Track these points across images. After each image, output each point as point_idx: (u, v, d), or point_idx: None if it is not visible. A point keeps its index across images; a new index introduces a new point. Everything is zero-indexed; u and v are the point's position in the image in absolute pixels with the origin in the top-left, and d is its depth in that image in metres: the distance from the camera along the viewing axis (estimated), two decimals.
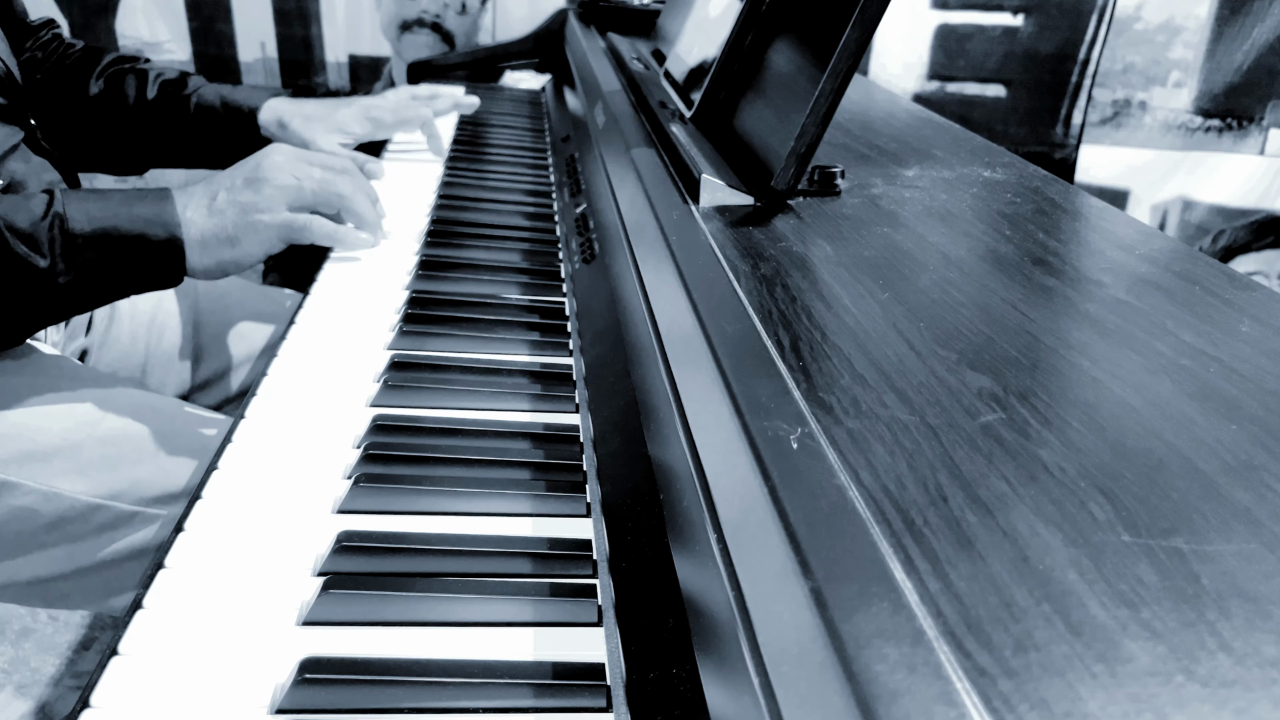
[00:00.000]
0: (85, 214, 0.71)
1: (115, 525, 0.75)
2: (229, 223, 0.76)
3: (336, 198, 0.84)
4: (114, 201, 0.73)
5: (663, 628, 0.44)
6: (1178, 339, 0.46)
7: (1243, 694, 0.25)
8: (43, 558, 0.75)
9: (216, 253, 0.76)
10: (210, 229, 0.76)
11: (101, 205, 0.72)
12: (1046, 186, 0.75)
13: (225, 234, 0.76)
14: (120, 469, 0.76)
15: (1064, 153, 1.96)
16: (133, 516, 0.75)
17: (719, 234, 0.60)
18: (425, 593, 0.48)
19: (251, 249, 0.77)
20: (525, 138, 1.38)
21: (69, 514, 0.74)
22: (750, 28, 0.77)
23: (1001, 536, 0.31)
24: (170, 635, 0.45)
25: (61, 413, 0.78)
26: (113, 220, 0.72)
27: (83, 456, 0.76)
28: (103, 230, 0.71)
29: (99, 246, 0.71)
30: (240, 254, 0.77)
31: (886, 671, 0.26)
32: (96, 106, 1.06)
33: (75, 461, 0.75)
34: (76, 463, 0.75)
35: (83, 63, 1.07)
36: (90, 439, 0.77)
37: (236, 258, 0.77)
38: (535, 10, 2.01)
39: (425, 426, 0.62)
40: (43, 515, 0.74)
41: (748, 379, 0.42)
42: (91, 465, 0.76)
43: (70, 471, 0.75)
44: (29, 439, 0.75)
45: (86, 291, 0.73)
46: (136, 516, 0.75)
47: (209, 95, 1.08)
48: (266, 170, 0.80)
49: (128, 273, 0.74)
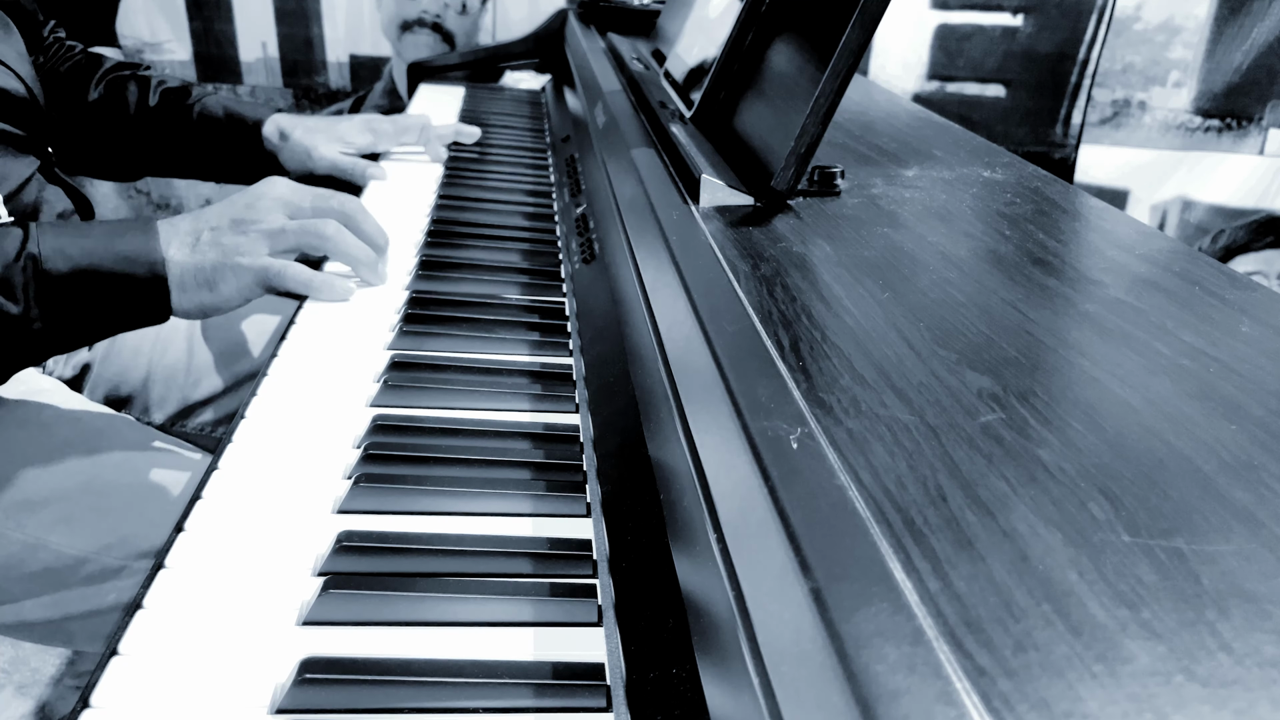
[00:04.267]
0: (61, 253, 0.66)
1: (103, 578, 0.74)
2: (209, 264, 0.71)
3: (319, 240, 0.76)
4: (93, 237, 0.68)
5: (663, 628, 0.44)
6: (1178, 339, 0.46)
7: (1243, 694, 0.25)
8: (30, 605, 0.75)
9: (195, 295, 0.71)
10: (190, 269, 0.70)
11: (80, 242, 0.67)
12: (1046, 186, 0.75)
13: (204, 276, 0.71)
14: (109, 521, 0.74)
15: (1063, 153, 1.96)
16: (119, 570, 0.74)
17: (719, 234, 0.60)
18: (425, 593, 0.48)
19: (229, 294, 0.72)
20: (525, 138, 1.38)
21: (55, 565, 0.73)
22: (750, 28, 0.77)
23: (1001, 536, 0.31)
24: (170, 635, 0.45)
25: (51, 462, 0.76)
26: (91, 258, 0.67)
27: (72, 507, 0.74)
28: (81, 269, 0.66)
29: (77, 287, 0.66)
30: (219, 298, 0.72)
31: (886, 671, 0.26)
32: (96, 112, 1.06)
33: (64, 512, 0.74)
34: (65, 513, 0.74)
35: (83, 68, 1.07)
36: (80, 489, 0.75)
37: (215, 301, 0.72)
38: (535, 10, 2.01)
39: (425, 426, 0.62)
40: (28, 565, 0.73)
41: (748, 379, 0.42)
42: (81, 516, 0.74)
43: (58, 522, 0.73)
44: (18, 487, 0.74)
45: (64, 335, 0.68)
46: (123, 570, 0.74)
47: (213, 106, 1.07)
48: (258, 210, 0.74)
49: (109, 313, 0.69)
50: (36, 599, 0.74)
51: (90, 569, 0.74)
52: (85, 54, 1.09)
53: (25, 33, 0.96)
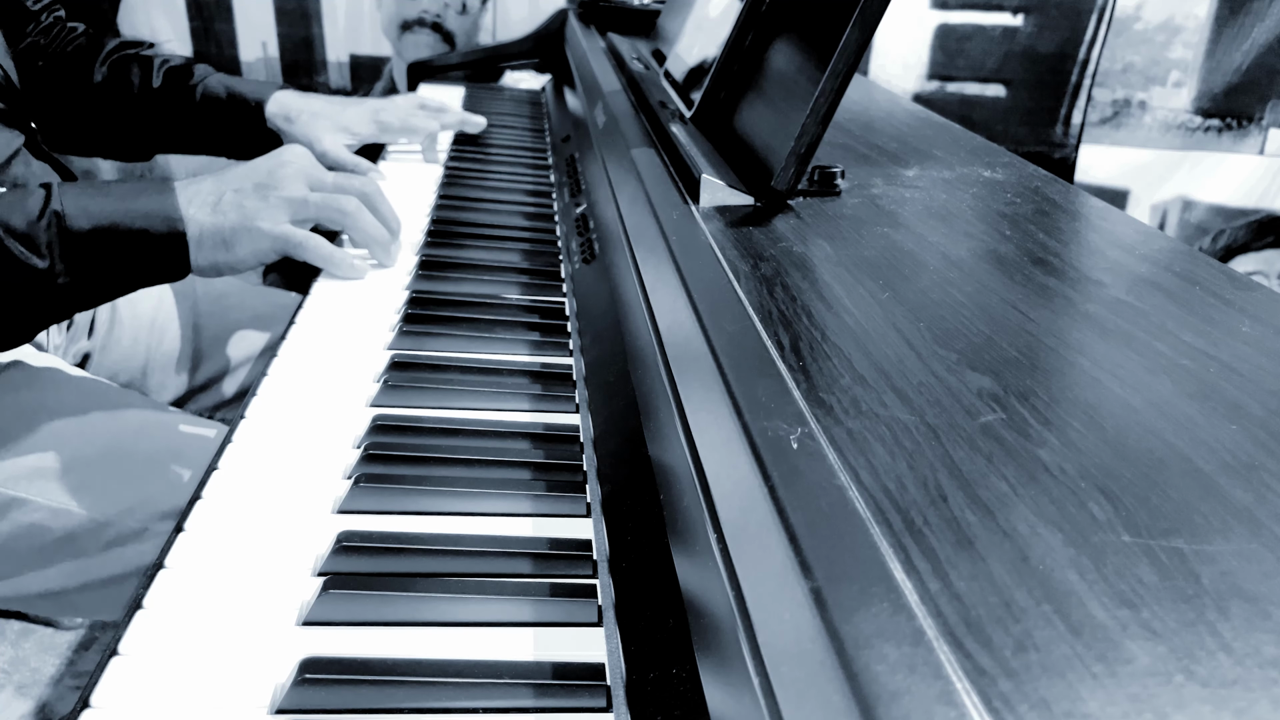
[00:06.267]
0: (84, 211, 0.69)
1: (124, 542, 0.75)
2: (228, 224, 0.74)
3: (340, 214, 0.80)
4: (114, 196, 0.70)
5: (663, 628, 0.44)
6: (1178, 339, 0.46)
7: (1243, 694, 0.25)
8: (52, 572, 0.75)
9: (211, 253, 0.74)
10: (209, 227, 0.73)
11: (101, 201, 0.70)
12: (1046, 186, 0.75)
13: (222, 236, 0.74)
14: (129, 485, 0.76)
15: (1064, 152, 1.96)
16: (141, 533, 0.75)
17: (719, 234, 0.60)
18: (425, 593, 0.48)
19: (245, 255, 0.75)
20: (525, 138, 1.38)
21: (78, 530, 0.74)
22: (750, 28, 0.77)
23: (1001, 536, 0.31)
24: (170, 635, 0.45)
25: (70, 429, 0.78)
26: (112, 216, 0.69)
27: (91, 473, 0.76)
28: (102, 227, 0.69)
29: (99, 244, 0.69)
30: (234, 258, 0.75)
31: (886, 671, 0.26)
32: (100, 94, 1.05)
33: (84, 478, 0.75)
34: (85, 479, 0.75)
35: (86, 49, 1.06)
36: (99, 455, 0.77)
37: (230, 261, 0.75)
38: (535, 10, 2.01)
39: (425, 426, 0.62)
40: (52, 531, 0.74)
41: (747, 379, 0.42)
42: (100, 482, 0.75)
43: (79, 488, 0.75)
44: (39, 455, 0.75)
45: (88, 289, 0.71)
46: (145, 532, 0.75)
47: (215, 85, 1.06)
48: (280, 177, 0.77)
49: (129, 269, 0.72)
50: (58, 566, 0.75)
51: (111, 533, 0.74)
52: (87, 35, 1.08)
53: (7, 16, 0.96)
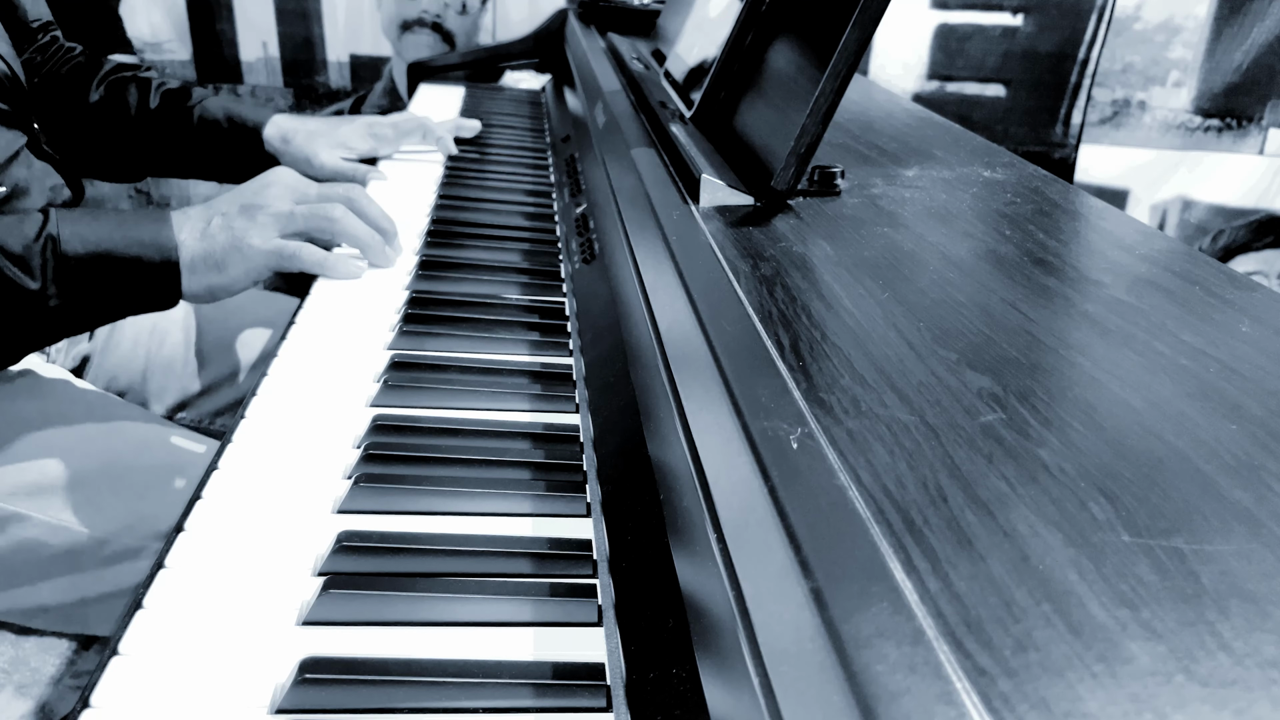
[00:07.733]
0: (79, 236, 0.69)
1: (120, 559, 0.75)
2: (218, 246, 0.74)
3: (328, 222, 0.80)
4: (109, 223, 0.71)
5: (663, 628, 0.44)
6: (1178, 339, 0.46)
7: (1243, 694, 0.25)
8: (48, 587, 0.75)
9: (204, 278, 0.74)
10: (199, 253, 0.74)
11: (96, 227, 0.70)
12: (1046, 186, 0.75)
13: (213, 259, 0.74)
14: (128, 502, 0.76)
15: (1063, 152, 1.96)
16: (138, 551, 0.75)
17: (719, 234, 0.60)
18: (425, 593, 0.48)
19: (238, 275, 0.75)
20: (525, 138, 1.38)
21: (75, 547, 0.74)
22: (750, 28, 0.77)
23: (1001, 536, 0.31)
24: (170, 635, 0.45)
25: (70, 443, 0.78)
26: (107, 243, 0.70)
27: (90, 489, 0.76)
28: (97, 253, 0.70)
29: (92, 269, 0.70)
30: (227, 279, 0.75)
31: (886, 671, 0.26)
32: (96, 114, 1.06)
33: (83, 494, 0.75)
34: (84, 495, 0.75)
35: (83, 69, 1.07)
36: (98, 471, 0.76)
37: (224, 283, 0.75)
38: (535, 10, 2.01)
39: (425, 426, 0.62)
40: (50, 547, 0.74)
41: (747, 379, 0.42)
42: (99, 498, 0.75)
43: (78, 504, 0.75)
44: (38, 470, 0.75)
45: (78, 314, 0.71)
46: (142, 551, 0.75)
47: (213, 108, 1.07)
48: (265, 196, 0.78)
49: (121, 296, 0.72)
50: (54, 581, 0.75)
51: (110, 550, 0.74)
52: (85, 55, 1.09)
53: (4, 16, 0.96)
